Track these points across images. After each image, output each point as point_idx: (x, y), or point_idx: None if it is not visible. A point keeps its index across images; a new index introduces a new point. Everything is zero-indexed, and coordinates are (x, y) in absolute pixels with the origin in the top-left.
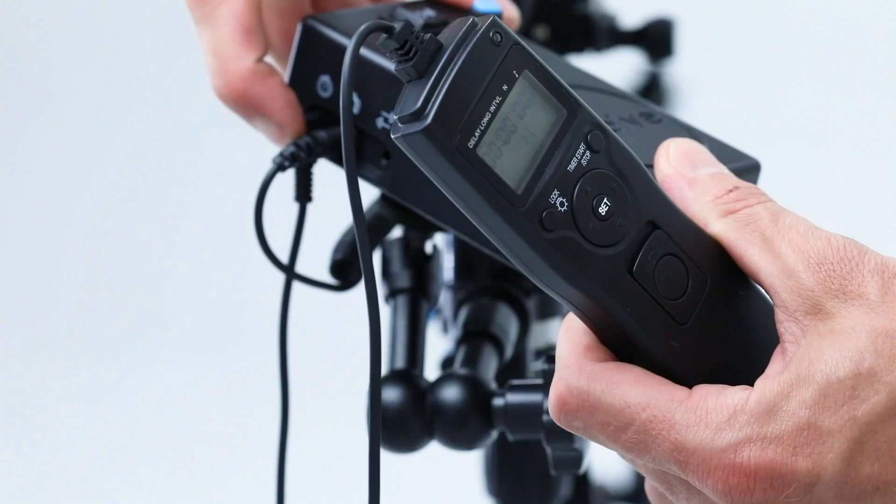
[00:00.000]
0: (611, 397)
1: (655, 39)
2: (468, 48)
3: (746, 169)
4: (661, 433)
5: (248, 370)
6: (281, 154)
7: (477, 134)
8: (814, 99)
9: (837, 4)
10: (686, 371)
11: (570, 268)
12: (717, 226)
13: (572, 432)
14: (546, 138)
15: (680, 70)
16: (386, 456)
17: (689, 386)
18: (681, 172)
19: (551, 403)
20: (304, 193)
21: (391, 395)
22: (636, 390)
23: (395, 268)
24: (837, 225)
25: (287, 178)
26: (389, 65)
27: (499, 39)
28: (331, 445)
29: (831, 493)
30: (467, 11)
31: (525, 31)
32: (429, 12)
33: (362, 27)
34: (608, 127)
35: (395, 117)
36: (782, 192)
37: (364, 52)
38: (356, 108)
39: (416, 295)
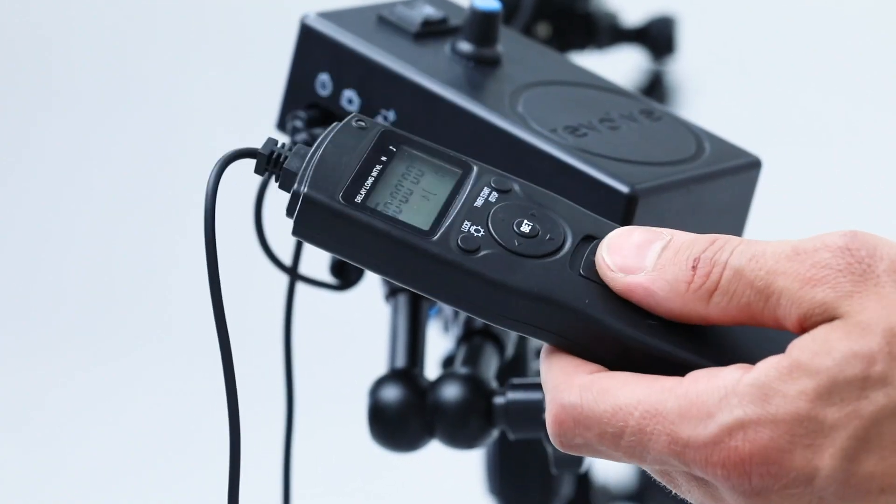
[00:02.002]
0: (603, 405)
1: (657, 37)
2: (332, 134)
3: (747, 166)
4: (656, 428)
5: (248, 370)
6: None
7: (363, 192)
8: (815, 97)
9: (839, 3)
10: (682, 345)
11: (512, 278)
12: (712, 314)
13: (578, 454)
14: (447, 193)
15: (682, 68)
16: (387, 455)
17: (696, 364)
18: (633, 282)
19: (550, 430)
20: None
21: (391, 394)
22: (625, 391)
23: None
24: (838, 223)
25: None
26: (388, 61)
27: (363, 125)
28: (331, 445)
29: (832, 489)
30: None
31: (527, 28)
32: (428, 10)
33: (221, 157)
34: (513, 176)
35: (288, 217)
36: (783, 189)
37: (362, 48)
38: (356, 107)
39: (417, 294)
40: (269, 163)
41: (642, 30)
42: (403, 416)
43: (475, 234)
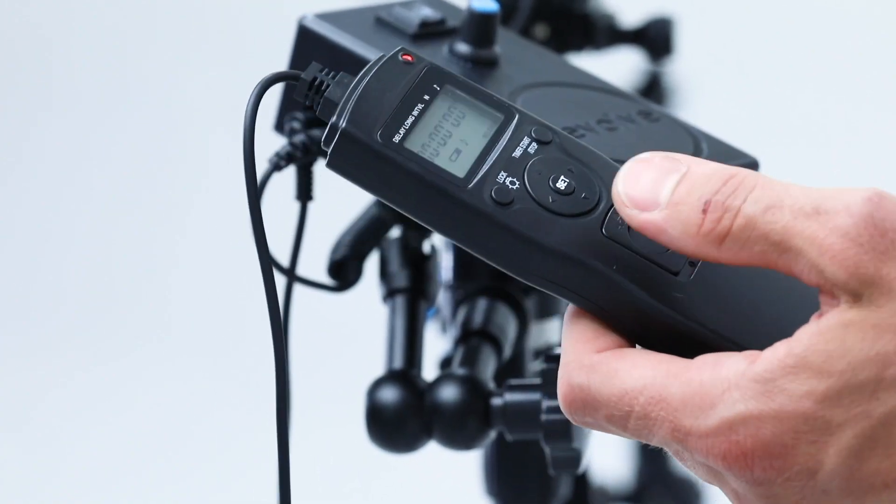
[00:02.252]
0: (610, 387)
1: (655, 38)
2: (377, 68)
3: (744, 167)
4: (660, 415)
5: (247, 370)
6: (277, 154)
7: (401, 131)
8: (813, 98)
9: (837, 3)
10: (706, 322)
11: (538, 235)
12: (724, 256)
13: (590, 429)
14: (486, 140)
15: (679, 69)
16: (385, 456)
17: (712, 346)
18: (647, 220)
19: (561, 406)
20: (305, 192)
21: (389, 394)
22: (632, 374)
23: (393, 268)
24: None
25: (289, 178)
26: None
27: (410, 60)
28: (329, 446)
29: (836, 483)
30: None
31: (524, 29)
32: (426, 10)
33: (263, 78)
34: (555, 127)
35: (324, 147)
36: None
37: (359, 49)
38: None
39: (414, 295)
40: (310, 89)
41: (640, 31)
42: (401, 417)
43: (510, 187)
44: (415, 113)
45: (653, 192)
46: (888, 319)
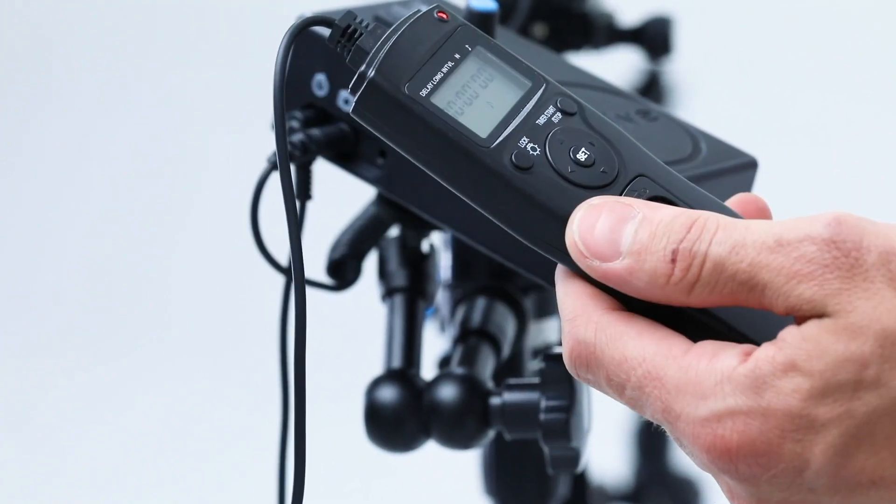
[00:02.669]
0: (613, 350)
1: (654, 37)
2: (411, 21)
3: (743, 166)
4: (654, 392)
5: (247, 371)
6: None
7: (429, 86)
8: (812, 97)
9: (835, 3)
10: (708, 314)
11: (553, 203)
12: (694, 302)
13: (591, 387)
14: (511, 104)
15: (678, 68)
16: (383, 455)
17: (712, 331)
18: (611, 271)
19: (565, 359)
20: (303, 192)
21: (388, 394)
22: (636, 343)
23: (391, 267)
24: None
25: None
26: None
27: (444, 18)
28: (328, 445)
29: (822, 481)
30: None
31: (523, 29)
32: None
33: (296, 21)
34: (581, 100)
35: (349, 94)
36: (780, 189)
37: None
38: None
39: (413, 294)
40: (343, 35)
41: (639, 30)
42: (400, 417)
43: (530, 153)
44: (444, 70)
45: (611, 241)
46: (860, 322)
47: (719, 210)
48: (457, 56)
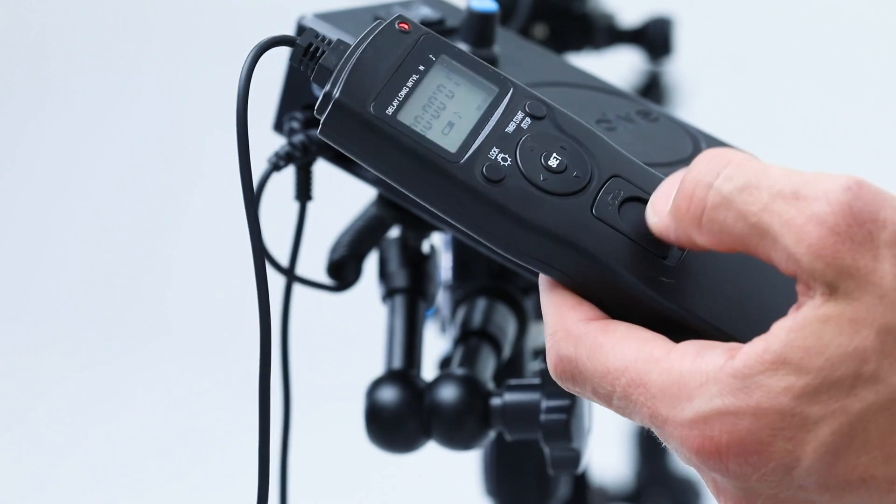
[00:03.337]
0: (595, 363)
1: (654, 38)
2: (372, 36)
3: None
4: (639, 398)
5: (247, 371)
6: (276, 154)
7: (395, 103)
8: (812, 97)
9: (836, 4)
10: (691, 308)
11: (528, 214)
12: (705, 238)
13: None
14: (479, 113)
15: (678, 69)
16: (384, 456)
17: (698, 331)
18: (661, 214)
19: (550, 373)
20: (304, 192)
21: (389, 394)
22: (616, 353)
23: (392, 267)
24: None
25: (288, 178)
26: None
27: (406, 28)
28: (328, 446)
29: (813, 479)
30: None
31: (524, 29)
32: (425, 10)
33: (259, 42)
34: (550, 101)
35: (317, 116)
36: None
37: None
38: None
39: (414, 295)
40: (305, 54)
41: (639, 31)
42: (400, 417)
43: (501, 164)
44: (409, 84)
45: (666, 196)
46: (865, 313)
47: None
48: (421, 68)
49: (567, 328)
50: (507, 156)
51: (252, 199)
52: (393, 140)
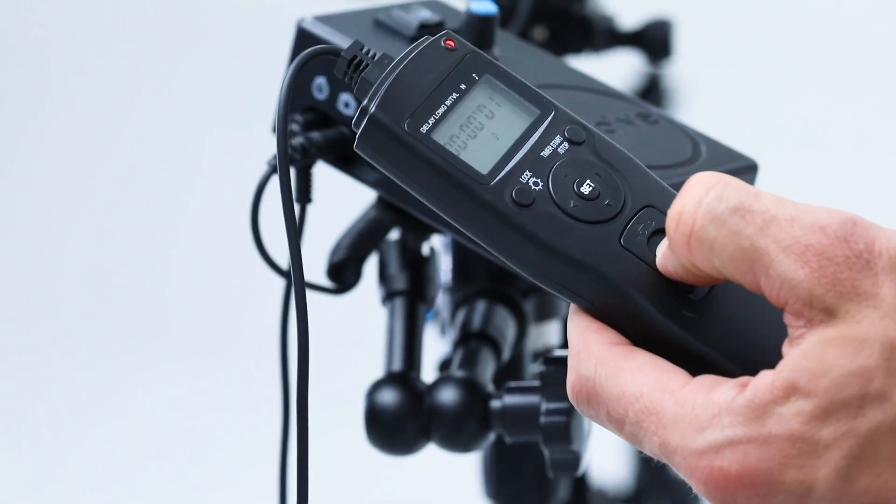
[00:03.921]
0: (612, 386)
1: (654, 40)
2: (416, 52)
3: (743, 169)
4: (651, 426)
5: (247, 372)
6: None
7: (431, 122)
8: (812, 99)
9: (836, 5)
10: (711, 344)
11: (553, 240)
12: (696, 258)
13: (594, 422)
14: (516, 135)
15: (678, 71)
16: (383, 458)
17: (716, 367)
18: (662, 258)
19: (568, 393)
20: (304, 195)
21: (388, 397)
22: (634, 378)
23: (391, 270)
24: None
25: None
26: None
27: (452, 46)
28: (328, 448)
29: None
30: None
31: (523, 31)
32: (424, 13)
33: (303, 53)
34: (591, 126)
35: (353, 127)
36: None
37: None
38: (352, 111)
39: (413, 297)
40: (349, 66)
41: (639, 33)
42: (400, 419)
43: (532, 188)
44: (448, 102)
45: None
46: (867, 332)
47: None
48: (462, 87)
49: (590, 349)
50: (539, 180)
51: (294, 232)
52: (424, 159)
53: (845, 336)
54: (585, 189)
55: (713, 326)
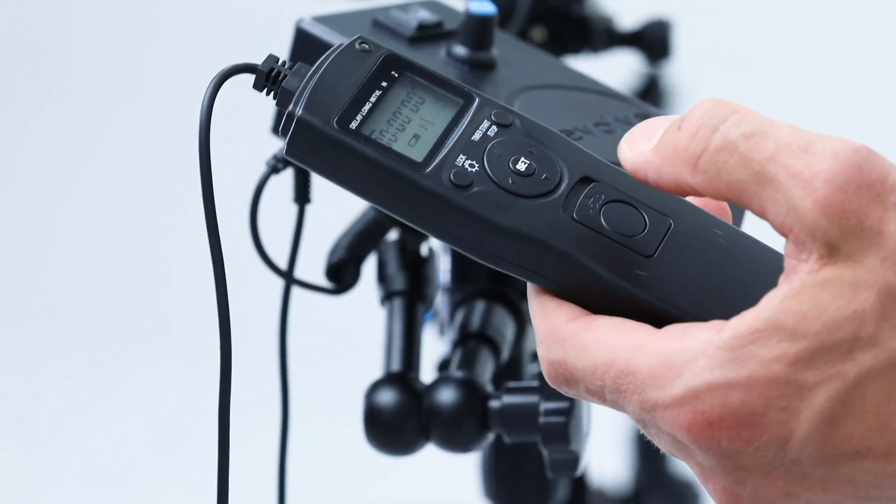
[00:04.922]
0: (583, 361)
1: (653, 41)
2: (333, 56)
3: None
4: (629, 388)
5: (247, 373)
6: (274, 157)
7: (359, 118)
8: (811, 99)
9: (836, 5)
10: (669, 298)
11: (503, 217)
12: (699, 183)
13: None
14: (445, 124)
15: (677, 71)
16: (382, 458)
17: (679, 317)
18: (639, 152)
19: (547, 380)
20: (302, 195)
21: (387, 397)
22: (601, 347)
23: (390, 270)
24: None
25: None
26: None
27: (367, 48)
28: (327, 449)
29: (807, 451)
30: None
31: (522, 32)
32: (423, 13)
33: (220, 71)
34: (516, 110)
35: (281, 137)
36: None
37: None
38: None
39: (412, 297)
40: (267, 80)
41: (638, 33)
42: (399, 420)
43: (469, 170)
44: (372, 99)
45: (648, 137)
46: (866, 275)
47: (677, 205)
48: (384, 84)
49: (553, 333)
50: (474, 162)
51: (214, 229)
52: (358, 153)
53: (843, 278)
54: (521, 166)
55: (668, 281)
